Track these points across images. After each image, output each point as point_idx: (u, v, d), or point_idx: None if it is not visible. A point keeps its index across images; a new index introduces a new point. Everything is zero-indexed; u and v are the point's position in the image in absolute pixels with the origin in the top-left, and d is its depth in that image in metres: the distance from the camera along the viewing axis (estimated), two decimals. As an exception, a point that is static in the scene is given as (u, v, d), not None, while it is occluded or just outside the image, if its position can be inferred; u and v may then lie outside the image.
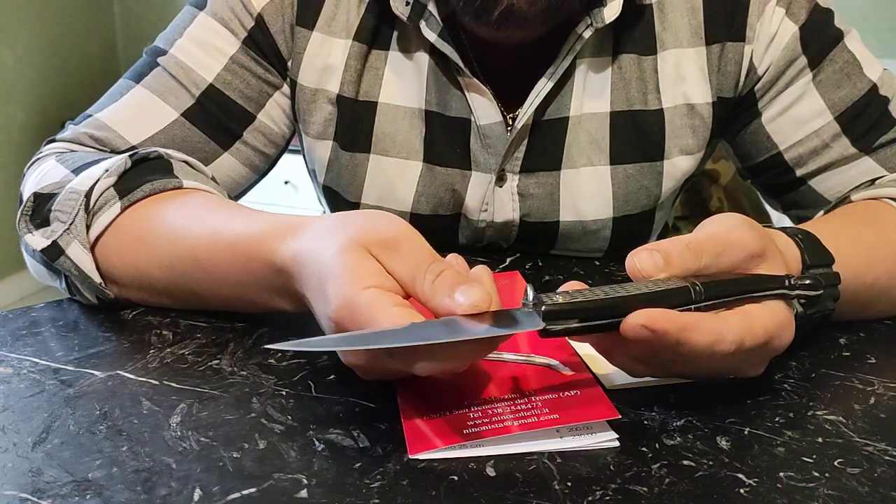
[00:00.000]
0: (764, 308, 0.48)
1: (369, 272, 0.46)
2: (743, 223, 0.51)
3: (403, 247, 0.47)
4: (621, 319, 0.45)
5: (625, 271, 0.49)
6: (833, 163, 0.74)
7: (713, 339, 0.46)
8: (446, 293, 0.45)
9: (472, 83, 0.72)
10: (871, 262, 0.62)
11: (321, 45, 0.75)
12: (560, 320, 0.45)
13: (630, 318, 0.45)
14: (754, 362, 0.50)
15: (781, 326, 0.48)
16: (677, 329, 0.45)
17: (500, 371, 0.52)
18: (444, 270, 0.46)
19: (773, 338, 0.48)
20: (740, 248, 0.49)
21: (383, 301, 0.45)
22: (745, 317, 0.47)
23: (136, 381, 0.52)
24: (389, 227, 0.49)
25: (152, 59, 0.75)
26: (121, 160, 0.64)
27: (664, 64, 0.73)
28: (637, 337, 0.45)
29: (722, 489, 0.43)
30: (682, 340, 0.45)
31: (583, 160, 0.75)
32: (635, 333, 0.45)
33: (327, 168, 0.79)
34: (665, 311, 0.45)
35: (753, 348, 0.47)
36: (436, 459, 0.44)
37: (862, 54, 0.73)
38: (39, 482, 0.42)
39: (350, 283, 0.46)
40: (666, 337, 0.45)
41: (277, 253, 0.52)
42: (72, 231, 0.61)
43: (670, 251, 0.48)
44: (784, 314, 0.49)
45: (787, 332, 0.49)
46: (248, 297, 0.57)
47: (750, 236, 0.50)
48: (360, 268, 0.46)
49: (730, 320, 0.47)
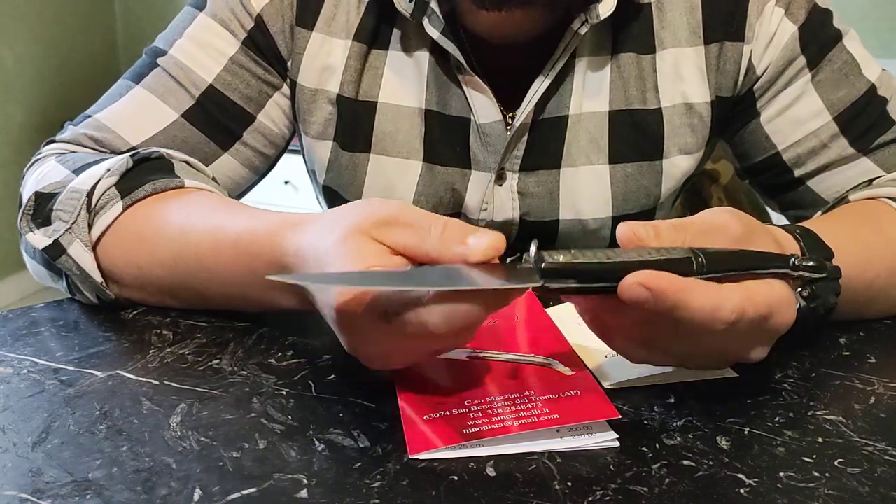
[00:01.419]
0: (764, 284, 0.48)
1: (371, 253, 0.46)
2: (727, 211, 0.51)
3: (402, 218, 0.47)
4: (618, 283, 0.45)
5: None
6: (831, 163, 0.74)
7: (713, 305, 0.45)
8: (457, 241, 0.45)
9: (472, 81, 0.72)
10: (870, 261, 0.62)
11: (321, 46, 0.75)
12: (559, 278, 0.45)
13: (628, 278, 0.44)
14: (756, 341, 0.49)
15: (782, 302, 0.48)
16: (675, 290, 0.44)
17: (500, 371, 0.52)
18: (450, 221, 0.46)
19: (773, 312, 0.47)
20: (723, 231, 0.49)
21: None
22: (745, 289, 0.47)
23: (136, 381, 0.52)
24: (384, 207, 0.48)
25: (152, 60, 0.75)
26: (122, 160, 0.64)
27: (663, 63, 0.73)
28: (634, 297, 0.44)
29: (722, 489, 0.43)
30: (680, 303, 0.44)
31: (582, 159, 0.75)
32: (632, 293, 0.44)
33: (327, 168, 0.79)
34: (664, 273, 0.45)
35: (754, 321, 0.46)
36: (436, 459, 0.44)
37: (861, 55, 0.73)
38: (39, 482, 0.42)
39: (351, 265, 0.45)
40: (664, 297, 0.44)
41: (280, 249, 0.52)
42: (73, 230, 0.61)
43: (658, 226, 0.49)
44: (785, 291, 0.48)
45: (789, 309, 0.48)
46: (252, 295, 0.57)
47: (732, 220, 0.50)
48: (362, 250, 0.46)
49: (731, 289, 0.46)
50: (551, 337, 0.56)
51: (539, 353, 0.54)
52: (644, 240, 0.48)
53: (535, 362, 0.53)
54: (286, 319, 0.58)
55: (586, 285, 0.46)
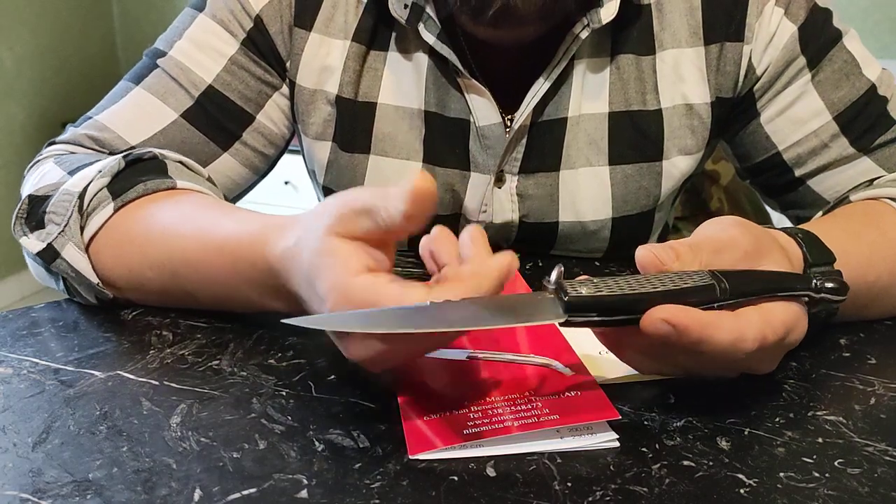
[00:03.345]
0: (780, 303, 0.48)
1: (351, 255, 0.45)
2: (735, 223, 0.51)
3: (354, 204, 0.46)
4: (641, 315, 0.44)
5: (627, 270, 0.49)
6: (832, 163, 0.74)
7: (735, 338, 0.45)
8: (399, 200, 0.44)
9: (471, 84, 0.72)
10: (871, 261, 0.62)
11: (319, 46, 0.75)
12: (582, 313, 0.45)
13: (651, 313, 0.44)
14: (771, 358, 0.50)
15: (798, 319, 0.48)
16: (701, 326, 0.44)
17: (501, 371, 0.52)
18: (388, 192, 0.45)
19: (790, 331, 0.48)
20: (733, 247, 0.50)
21: (377, 282, 0.44)
22: (764, 313, 0.47)
23: (136, 381, 0.52)
24: (337, 200, 0.48)
25: (152, 61, 0.75)
26: (114, 160, 0.64)
27: (663, 64, 0.73)
28: (657, 332, 0.44)
29: (722, 490, 0.43)
30: (705, 338, 0.45)
31: (581, 161, 0.75)
32: (655, 328, 0.44)
33: (327, 169, 0.79)
34: (687, 308, 0.45)
35: (774, 343, 0.47)
36: (436, 459, 0.44)
37: (861, 54, 0.73)
38: (40, 482, 0.42)
39: (339, 274, 0.45)
40: (688, 333, 0.44)
41: (266, 255, 0.52)
42: (66, 233, 0.61)
43: (678, 248, 0.49)
44: (798, 307, 0.49)
45: (802, 324, 0.49)
46: (241, 298, 0.57)
47: (741, 234, 0.50)
48: (343, 257, 0.45)
49: (751, 317, 0.46)
50: (551, 337, 0.56)
51: (539, 353, 0.54)
52: (666, 263, 0.48)
53: (535, 363, 0.53)
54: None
55: (609, 318, 0.45)
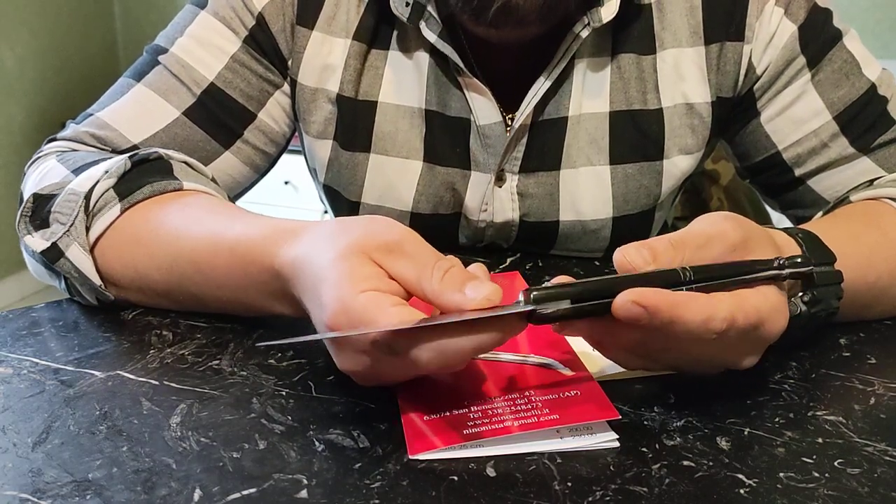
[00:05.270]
0: (756, 292, 0.48)
1: (367, 276, 0.46)
2: (727, 217, 0.51)
3: (406, 248, 0.47)
4: (612, 301, 0.45)
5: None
6: (831, 162, 0.74)
7: (705, 316, 0.45)
8: (456, 289, 0.45)
9: (471, 83, 0.72)
10: (872, 262, 0.62)
11: (321, 45, 0.75)
12: (550, 301, 0.45)
13: (621, 296, 0.44)
14: (747, 349, 0.49)
15: (774, 309, 0.48)
16: (669, 305, 0.44)
17: (500, 371, 0.52)
18: (452, 267, 0.46)
19: (764, 320, 0.47)
20: (720, 240, 0.49)
21: (381, 302, 0.45)
22: (735, 296, 0.47)
23: (136, 381, 0.52)
24: (390, 231, 0.48)
25: (153, 58, 0.75)
26: (121, 161, 0.64)
27: (663, 63, 0.73)
28: (629, 315, 0.44)
29: (722, 490, 0.43)
30: (675, 318, 0.45)
31: (582, 160, 0.75)
32: (626, 310, 0.44)
33: (327, 167, 0.79)
34: (656, 289, 0.45)
35: (745, 329, 0.47)
36: (436, 459, 0.44)
37: (861, 54, 0.73)
38: (39, 482, 0.42)
39: (346, 287, 0.45)
40: (658, 313, 0.44)
41: (276, 258, 0.52)
42: (71, 233, 0.61)
43: (655, 247, 0.48)
44: (776, 298, 0.48)
45: (780, 317, 0.48)
46: (247, 301, 0.57)
47: (730, 227, 0.50)
48: (358, 272, 0.46)
49: (722, 298, 0.46)
50: (551, 337, 0.56)
51: (539, 353, 0.54)
52: (639, 267, 0.48)
53: (535, 363, 0.53)
54: (286, 321, 0.58)
55: (579, 305, 0.46)
